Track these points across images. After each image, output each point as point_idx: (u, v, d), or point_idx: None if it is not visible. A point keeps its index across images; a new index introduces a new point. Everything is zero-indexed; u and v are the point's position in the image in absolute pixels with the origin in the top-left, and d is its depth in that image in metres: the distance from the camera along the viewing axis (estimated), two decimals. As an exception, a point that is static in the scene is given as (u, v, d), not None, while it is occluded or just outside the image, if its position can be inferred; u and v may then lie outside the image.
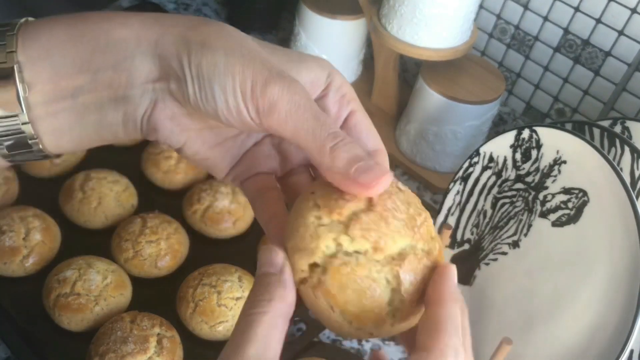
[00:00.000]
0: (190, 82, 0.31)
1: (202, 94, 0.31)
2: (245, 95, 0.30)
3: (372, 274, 0.28)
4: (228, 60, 0.30)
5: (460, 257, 0.70)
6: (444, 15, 0.76)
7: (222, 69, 0.30)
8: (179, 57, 0.31)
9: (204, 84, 0.30)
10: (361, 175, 0.28)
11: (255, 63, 0.30)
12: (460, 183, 0.69)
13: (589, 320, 0.57)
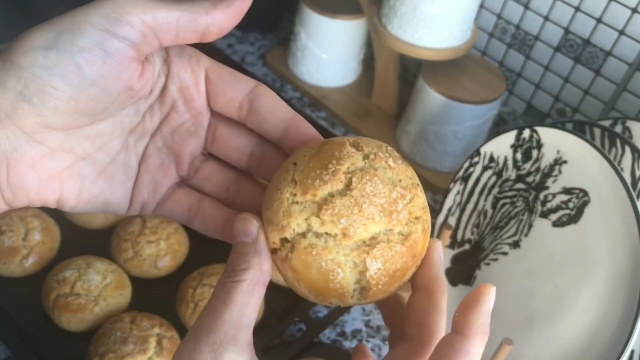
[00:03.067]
0: (34, 79, 0.26)
1: (53, 71, 0.26)
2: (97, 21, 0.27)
3: (339, 258, 0.28)
4: (54, 27, 0.28)
5: (461, 257, 0.70)
6: (445, 14, 0.76)
7: (57, 32, 0.27)
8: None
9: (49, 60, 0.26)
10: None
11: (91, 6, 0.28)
12: (460, 183, 0.69)
13: (589, 321, 0.57)
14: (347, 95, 0.97)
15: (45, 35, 0.27)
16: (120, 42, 0.27)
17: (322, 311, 0.69)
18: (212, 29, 0.29)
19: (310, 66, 0.95)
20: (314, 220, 0.28)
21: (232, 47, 1.04)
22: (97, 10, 0.27)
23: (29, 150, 0.28)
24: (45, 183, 0.29)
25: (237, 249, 0.29)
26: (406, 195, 0.29)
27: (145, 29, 0.27)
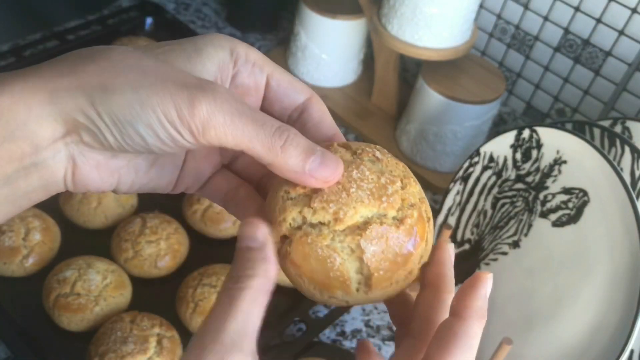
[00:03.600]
0: (107, 130, 0.28)
1: (125, 138, 0.28)
2: (174, 123, 0.28)
3: (334, 244, 0.28)
4: (139, 96, 0.28)
5: (461, 257, 0.70)
6: (444, 15, 0.76)
7: (138, 108, 0.28)
8: (82, 110, 0.28)
9: (125, 128, 0.28)
10: (316, 171, 0.28)
11: (168, 87, 0.28)
12: (460, 183, 0.69)
13: (589, 320, 0.57)
14: (347, 95, 0.97)
15: (129, 108, 0.28)
16: (188, 143, 0.29)
17: (322, 311, 0.69)
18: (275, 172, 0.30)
19: (310, 66, 0.95)
20: (307, 211, 0.29)
21: (232, 47, 1.04)
22: (178, 115, 0.28)
23: (95, 155, 0.30)
24: (105, 179, 0.31)
25: (243, 254, 0.29)
26: (395, 181, 0.30)
27: (209, 146, 0.29)
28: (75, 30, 0.95)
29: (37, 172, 0.29)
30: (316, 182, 0.29)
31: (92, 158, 0.30)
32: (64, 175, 0.30)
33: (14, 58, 0.88)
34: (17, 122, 0.28)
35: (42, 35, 0.94)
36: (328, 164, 0.29)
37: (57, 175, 0.29)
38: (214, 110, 0.28)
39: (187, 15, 1.08)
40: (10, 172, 0.28)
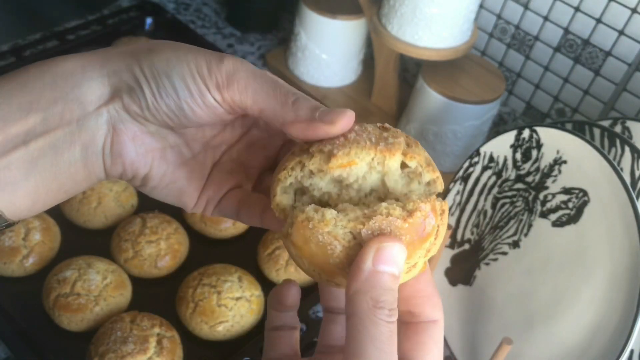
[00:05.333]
0: (146, 83, 0.31)
1: (160, 90, 0.31)
2: (203, 75, 0.31)
3: (336, 230, 0.28)
4: (178, 54, 0.31)
5: (461, 257, 0.70)
6: (444, 15, 0.76)
7: (174, 61, 0.31)
8: (128, 68, 0.31)
9: (161, 80, 0.31)
10: (325, 116, 0.30)
11: (202, 51, 0.32)
12: (460, 183, 0.69)
13: (589, 320, 0.57)
14: (347, 95, 0.97)
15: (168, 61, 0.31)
16: (213, 99, 0.31)
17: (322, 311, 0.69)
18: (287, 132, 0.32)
19: (310, 66, 0.95)
20: (305, 158, 0.30)
21: (232, 47, 1.04)
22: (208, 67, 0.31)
23: (132, 126, 0.32)
24: (140, 156, 0.33)
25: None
26: (398, 136, 0.31)
27: (232, 105, 0.32)
28: (75, 30, 0.95)
29: (80, 138, 0.31)
30: (328, 127, 0.30)
31: (129, 128, 0.32)
32: (103, 142, 0.32)
33: (14, 58, 0.88)
34: (72, 84, 0.31)
35: (42, 35, 0.94)
36: (337, 110, 0.30)
37: (97, 142, 0.32)
38: (238, 66, 0.31)
39: (187, 15, 1.08)
40: (59, 135, 0.31)
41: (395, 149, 0.30)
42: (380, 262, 0.27)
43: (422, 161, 0.30)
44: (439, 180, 0.31)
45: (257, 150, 0.37)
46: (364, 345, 0.26)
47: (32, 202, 0.32)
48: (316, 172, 0.30)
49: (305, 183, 0.31)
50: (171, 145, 0.35)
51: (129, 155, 0.33)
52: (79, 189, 0.33)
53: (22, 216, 0.32)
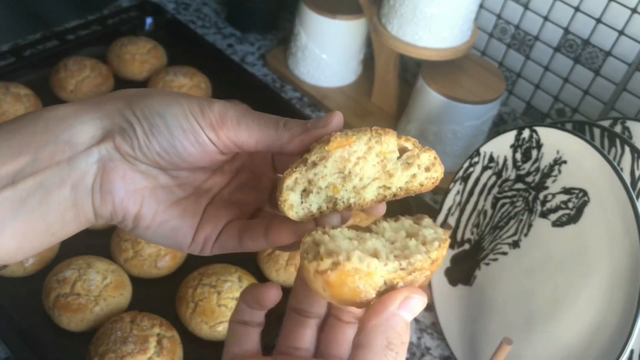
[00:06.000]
0: (138, 123, 0.32)
1: (153, 129, 0.32)
2: (196, 115, 0.32)
3: (376, 280, 0.29)
4: (170, 97, 0.33)
5: (461, 257, 0.70)
6: (444, 15, 0.76)
7: (168, 102, 0.32)
8: (121, 110, 0.32)
9: (154, 119, 0.32)
10: (317, 123, 0.32)
11: (193, 96, 0.33)
12: (460, 183, 0.69)
13: (589, 320, 0.57)
14: (347, 95, 0.97)
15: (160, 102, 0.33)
16: (207, 138, 0.33)
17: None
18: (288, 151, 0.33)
19: (310, 66, 0.95)
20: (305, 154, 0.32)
21: (232, 47, 1.04)
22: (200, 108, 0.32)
23: (122, 165, 0.33)
24: (129, 194, 0.33)
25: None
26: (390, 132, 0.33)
27: (227, 142, 0.33)
28: (75, 30, 0.95)
29: (70, 177, 0.31)
30: (322, 130, 0.32)
31: (120, 167, 0.33)
32: (93, 181, 0.32)
33: (14, 58, 0.88)
34: (64, 127, 0.31)
35: (42, 35, 0.94)
36: (325, 115, 0.33)
37: (87, 180, 0.32)
38: (227, 106, 0.33)
39: (187, 15, 1.08)
40: (48, 175, 0.31)
41: (388, 132, 0.32)
42: (404, 309, 0.29)
43: (417, 144, 0.33)
44: (437, 161, 0.33)
45: (249, 191, 0.38)
46: None
47: (19, 244, 0.31)
48: (318, 161, 0.32)
49: (310, 175, 0.32)
50: (162, 185, 0.35)
51: (119, 193, 0.33)
52: (67, 230, 0.33)
53: (8, 259, 0.31)
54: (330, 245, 0.29)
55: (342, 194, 0.33)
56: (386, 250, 0.30)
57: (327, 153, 0.31)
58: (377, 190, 0.33)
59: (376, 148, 0.32)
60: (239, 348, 0.35)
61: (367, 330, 0.29)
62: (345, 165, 0.32)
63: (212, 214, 0.37)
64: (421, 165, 0.33)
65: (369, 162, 0.32)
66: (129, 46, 0.91)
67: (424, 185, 0.34)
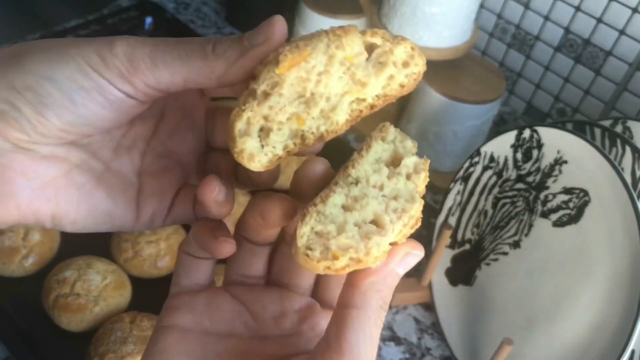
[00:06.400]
0: (22, 100, 0.25)
1: (44, 100, 0.25)
2: (98, 67, 0.25)
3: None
4: (55, 51, 0.25)
5: (461, 257, 0.70)
6: (445, 14, 0.76)
7: (55, 59, 0.25)
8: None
9: (42, 87, 0.25)
10: (255, 37, 0.26)
11: (85, 40, 0.26)
12: (461, 183, 0.69)
13: (590, 321, 0.57)
14: (347, 95, 0.97)
15: (45, 62, 0.25)
16: (120, 93, 0.26)
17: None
18: (226, 83, 0.27)
19: (311, 66, 0.95)
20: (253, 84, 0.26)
21: (232, 47, 1.04)
22: (99, 56, 0.25)
23: (17, 156, 0.26)
24: (38, 192, 0.27)
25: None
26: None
27: (148, 90, 0.26)
28: (75, 30, 0.94)
29: None
30: (266, 45, 0.26)
31: (15, 160, 0.26)
32: None
33: (14, 58, 0.88)
34: None
35: (42, 35, 0.94)
36: (263, 24, 0.26)
37: None
38: (136, 43, 0.25)
39: (186, 14, 1.08)
40: None
41: (349, 29, 0.26)
42: (402, 266, 0.26)
43: (387, 35, 0.27)
44: (417, 51, 0.27)
45: (184, 134, 0.31)
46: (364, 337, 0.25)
47: None
48: (270, 90, 0.25)
49: (264, 110, 0.26)
50: (77, 165, 0.28)
51: (23, 195, 0.27)
52: None
53: None
54: (343, 240, 0.25)
55: (309, 123, 0.27)
56: (386, 212, 0.26)
57: (279, 77, 0.25)
58: (349, 107, 0.27)
59: (338, 55, 0.26)
60: (189, 280, 0.32)
61: (362, 289, 0.25)
62: (306, 87, 0.26)
63: (152, 184, 0.31)
64: (397, 62, 0.27)
65: (333, 75, 0.26)
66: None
67: (405, 85, 0.28)
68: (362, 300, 0.25)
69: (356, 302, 0.25)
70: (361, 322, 0.25)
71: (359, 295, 0.25)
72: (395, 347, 0.68)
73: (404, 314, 0.71)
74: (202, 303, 0.31)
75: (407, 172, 0.27)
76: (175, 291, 0.32)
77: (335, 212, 0.26)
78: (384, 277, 0.25)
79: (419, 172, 0.27)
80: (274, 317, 0.31)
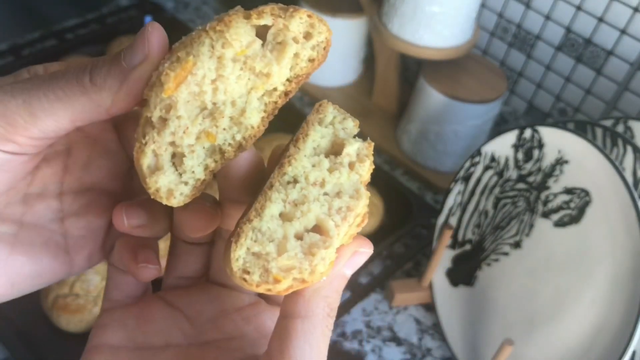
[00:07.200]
0: None
1: None
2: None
3: None
4: None
5: (462, 258, 0.69)
6: (446, 13, 0.76)
7: None
8: None
9: None
10: (132, 56, 0.23)
11: None
12: (461, 183, 0.69)
13: (590, 321, 0.57)
14: (348, 94, 0.96)
15: None
16: (5, 154, 0.23)
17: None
18: (115, 114, 0.24)
19: (311, 65, 0.95)
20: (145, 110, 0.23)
21: (232, 47, 1.04)
22: None
23: None
24: None
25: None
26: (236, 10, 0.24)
27: (35, 142, 0.23)
28: (74, 29, 0.94)
29: None
30: (148, 63, 0.23)
31: None
32: None
33: (13, 57, 0.87)
34: None
35: (41, 34, 0.94)
36: (137, 38, 0.23)
37: None
38: (4, 97, 0.22)
39: (186, 14, 1.08)
40: None
41: (230, 16, 0.23)
42: (350, 267, 0.24)
43: (275, 10, 0.23)
44: (315, 18, 0.24)
45: (99, 163, 0.28)
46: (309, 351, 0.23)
47: None
48: (166, 114, 0.23)
49: (167, 138, 0.23)
50: None
51: None
52: None
53: None
54: (285, 262, 0.22)
55: (221, 136, 0.24)
56: (330, 215, 0.23)
57: (170, 99, 0.22)
58: (261, 103, 0.24)
59: (227, 54, 0.23)
60: (120, 293, 0.29)
61: (307, 297, 0.23)
62: (203, 100, 0.23)
63: (77, 224, 0.28)
64: (297, 37, 0.24)
65: (229, 78, 0.23)
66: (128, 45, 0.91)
67: (316, 58, 0.25)
68: (306, 309, 0.23)
69: (300, 311, 0.23)
70: (306, 334, 0.23)
71: (303, 304, 0.23)
72: (395, 347, 0.68)
73: (404, 315, 0.71)
74: (133, 317, 0.28)
75: (350, 161, 0.24)
76: (107, 307, 0.29)
77: (273, 226, 0.23)
78: (330, 281, 0.23)
79: (363, 160, 0.24)
80: (213, 319, 0.28)
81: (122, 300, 0.29)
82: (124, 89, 0.23)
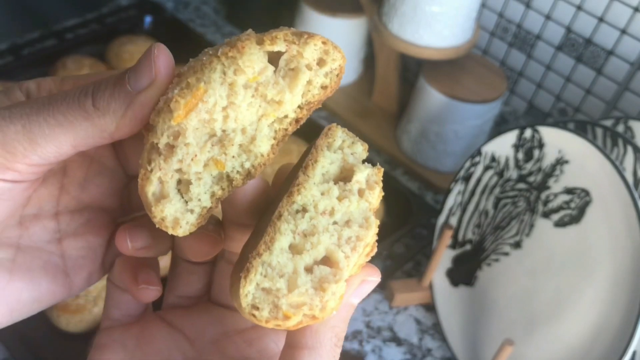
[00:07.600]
0: None
1: None
2: None
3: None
4: None
5: (462, 258, 0.69)
6: (446, 13, 0.76)
7: None
8: None
9: None
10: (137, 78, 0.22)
11: None
12: (461, 183, 0.69)
13: (591, 321, 0.56)
14: (348, 94, 0.96)
15: None
16: (4, 182, 0.23)
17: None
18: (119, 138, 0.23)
19: (311, 65, 0.95)
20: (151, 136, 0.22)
21: (232, 46, 1.04)
22: None
23: None
24: None
25: None
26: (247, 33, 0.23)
27: (35, 169, 0.23)
28: (74, 29, 0.94)
29: None
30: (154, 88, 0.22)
31: None
32: None
33: (12, 57, 0.87)
34: None
35: (41, 34, 0.94)
36: (141, 60, 0.22)
37: None
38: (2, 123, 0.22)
39: (186, 13, 1.08)
40: None
41: (242, 41, 0.22)
42: (358, 296, 0.24)
43: (289, 36, 0.23)
44: (330, 45, 0.23)
45: (96, 181, 0.28)
46: None
47: None
48: (173, 141, 0.22)
49: (174, 165, 0.22)
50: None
51: None
52: None
53: None
54: (295, 298, 0.22)
55: (230, 164, 0.23)
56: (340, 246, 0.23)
57: (179, 126, 0.22)
58: (271, 130, 0.24)
59: (239, 81, 0.22)
60: (119, 312, 0.29)
61: (314, 328, 0.22)
62: (213, 127, 0.23)
63: (75, 244, 0.27)
64: (311, 64, 0.23)
65: (240, 105, 0.23)
66: (127, 45, 0.91)
67: (329, 85, 0.24)
68: (313, 341, 0.22)
69: (307, 343, 0.22)
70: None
71: (310, 335, 0.22)
72: (396, 347, 0.68)
73: (404, 315, 0.71)
74: (133, 337, 0.28)
75: (360, 188, 0.24)
76: (106, 325, 0.29)
77: (283, 260, 0.22)
78: (337, 311, 0.23)
79: (373, 187, 0.24)
80: (214, 341, 0.28)
81: (121, 319, 0.29)
82: (129, 113, 0.22)
